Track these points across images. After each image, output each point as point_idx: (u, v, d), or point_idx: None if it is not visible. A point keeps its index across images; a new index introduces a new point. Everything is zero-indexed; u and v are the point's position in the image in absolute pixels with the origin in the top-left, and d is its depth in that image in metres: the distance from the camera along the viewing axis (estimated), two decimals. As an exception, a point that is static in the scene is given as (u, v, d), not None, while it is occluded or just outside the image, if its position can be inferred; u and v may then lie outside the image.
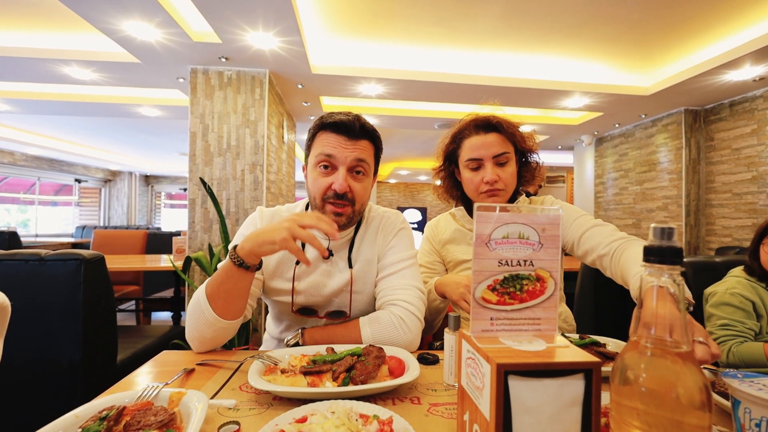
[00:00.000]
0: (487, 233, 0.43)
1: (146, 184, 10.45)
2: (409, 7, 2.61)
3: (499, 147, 1.01)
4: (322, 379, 0.63)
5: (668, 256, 0.34)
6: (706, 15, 2.66)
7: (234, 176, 3.18)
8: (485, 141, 1.02)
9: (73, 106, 4.37)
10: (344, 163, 0.87)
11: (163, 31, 2.58)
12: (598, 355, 0.69)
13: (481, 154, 1.02)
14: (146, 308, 3.58)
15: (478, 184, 1.03)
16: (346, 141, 0.87)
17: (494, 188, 1.01)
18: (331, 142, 0.87)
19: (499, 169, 1.02)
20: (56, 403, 1.19)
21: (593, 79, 3.64)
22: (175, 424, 0.49)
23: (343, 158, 0.87)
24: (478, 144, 1.03)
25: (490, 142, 1.02)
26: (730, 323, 1.19)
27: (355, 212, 0.91)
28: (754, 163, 3.67)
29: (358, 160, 0.88)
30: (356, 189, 0.89)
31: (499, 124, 1.03)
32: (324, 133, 0.89)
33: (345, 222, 0.90)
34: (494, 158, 1.01)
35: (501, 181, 1.01)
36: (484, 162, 1.02)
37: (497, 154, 1.01)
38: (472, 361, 0.42)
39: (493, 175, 1.00)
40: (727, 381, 0.46)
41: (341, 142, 0.87)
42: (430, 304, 1.05)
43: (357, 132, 0.87)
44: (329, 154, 0.87)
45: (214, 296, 0.77)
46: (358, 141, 0.88)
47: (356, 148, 0.88)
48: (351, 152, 0.87)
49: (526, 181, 1.12)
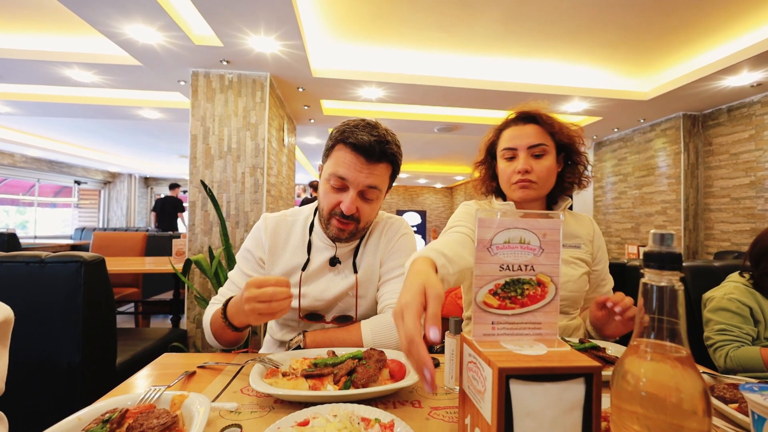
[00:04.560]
0: (488, 238, 0.44)
1: (146, 186, 10.44)
2: (409, 12, 2.63)
3: (535, 138, 0.98)
4: (323, 382, 0.63)
5: (668, 262, 0.34)
6: (704, 21, 2.68)
7: (234, 179, 3.19)
8: (522, 131, 1.00)
9: (74, 109, 4.38)
10: (356, 187, 0.85)
11: (165, 35, 2.59)
12: (598, 359, 0.70)
13: (516, 144, 0.99)
14: (145, 311, 3.56)
15: (511, 174, 1.00)
16: (363, 164, 0.84)
17: (525, 179, 0.97)
18: (347, 162, 0.84)
19: (534, 161, 0.98)
20: (55, 406, 1.18)
21: (592, 83, 3.66)
22: (177, 427, 0.49)
23: (355, 182, 0.85)
24: (516, 134, 1.00)
25: (527, 133, 0.99)
26: (728, 328, 1.20)
27: (359, 229, 0.91)
28: (752, 168, 3.69)
29: (371, 186, 0.86)
30: (363, 210, 0.88)
31: (538, 116, 1.01)
32: (343, 148, 0.85)
33: (347, 237, 0.91)
34: (529, 149, 0.98)
35: (534, 173, 0.97)
36: (518, 152, 0.99)
37: (532, 145, 0.98)
38: (474, 365, 0.42)
39: (525, 165, 0.97)
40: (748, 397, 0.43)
41: (357, 164, 0.84)
42: None
43: (377, 156, 0.84)
44: (342, 177, 0.85)
45: (217, 336, 0.87)
46: (376, 165, 0.85)
47: (371, 174, 0.85)
48: (365, 178, 0.85)
49: (568, 185, 1.05)
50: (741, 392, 0.45)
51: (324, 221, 0.91)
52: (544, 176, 0.98)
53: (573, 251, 1.04)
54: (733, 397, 0.59)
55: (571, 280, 0.99)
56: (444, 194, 12.15)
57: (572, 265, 1.02)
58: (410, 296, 0.49)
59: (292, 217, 1.01)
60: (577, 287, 0.99)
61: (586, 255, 1.05)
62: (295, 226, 0.99)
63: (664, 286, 0.34)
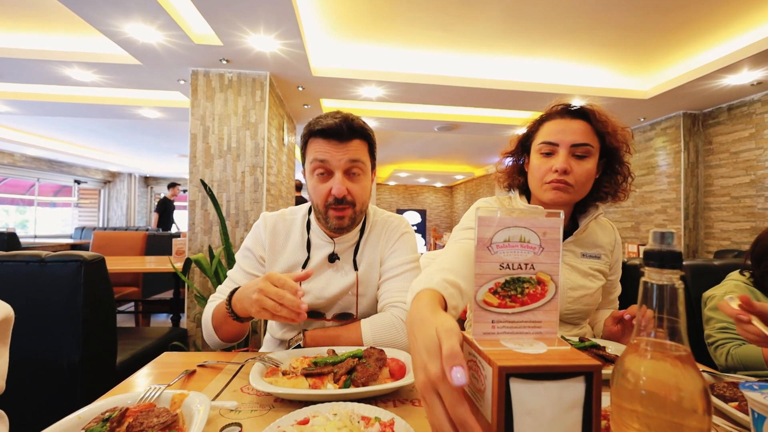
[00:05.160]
0: (488, 237, 0.44)
1: (145, 186, 10.44)
2: (409, 11, 2.62)
3: (582, 136, 0.87)
4: (323, 381, 0.63)
5: (668, 260, 0.34)
6: (704, 19, 2.68)
7: (234, 178, 3.19)
8: (568, 126, 0.89)
9: (74, 108, 4.38)
10: (339, 167, 0.87)
11: (165, 34, 2.59)
12: (598, 358, 0.70)
13: (558, 139, 0.88)
14: (145, 310, 3.57)
15: (545, 172, 0.90)
16: (337, 145, 0.87)
17: (562, 180, 0.87)
18: (322, 148, 0.87)
19: (575, 161, 0.87)
20: (55, 405, 1.18)
21: (592, 82, 3.66)
22: (177, 425, 0.49)
23: (336, 162, 0.87)
24: (560, 128, 0.89)
25: (573, 129, 0.88)
26: (729, 326, 1.19)
27: (356, 212, 0.91)
28: (752, 166, 3.69)
29: (352, 161, 0.88)
30: (355, 190, 0.89)
31: (591, 113, 0.90)
32: (314, 139, 0.89)
33: (348, 223, 0.91)
34: (572, 147, 0.87)
35: (572, 175, 0.87)
36: (559, 148, 0.88)
37: (577, 144, 0.87)
38: (474, 364, 0.42)
39: (565, 164, 0.86)
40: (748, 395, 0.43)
41: (332, 147, 0.87)
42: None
43: (346, 134, 0.87)
44: (323, 160, 0.87)
45: (218, 329, 0.87)
46: (349, 143, 0.88)
47: (348, 150, 0.87)
48: (344, 155, 0.87)
49: (604, 194, 0.95)
50: (741, 391, 0.45)
51: (322, 216, 0.92)
52: (582, 180, 0.88)
53: (593, 262, 0.98)
54: (733, 395, 0.59)
55: (588, 293, 0.94)
56: (444, 193, 12.15)
57: (590, 277, 0.96)
58: (428, 358, 0.38)
59: (291, 215, 1.02)
60: (593, 300, 0.96)
61: (605, 266, 1.00)
62: (294, 224, 1.00)
63: (664, 285, 0.34)
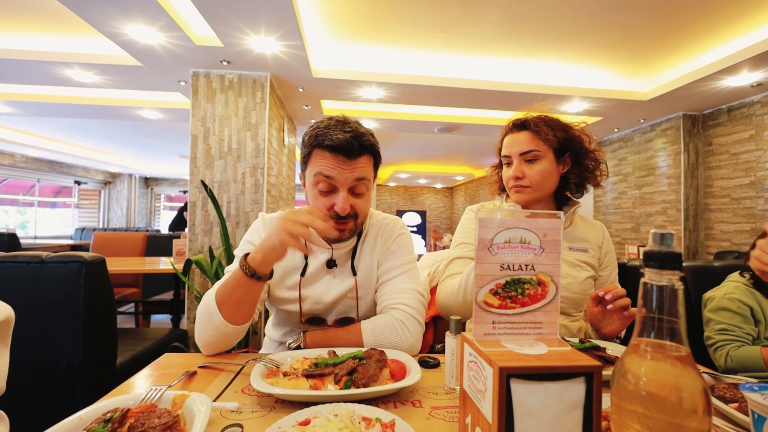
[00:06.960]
0: (489, 238, 0.44)
1: (146, 186, 10.44)
2: (410, 12, 2.63)
3: (527, 145, 1.02)
4: (324, 382, 0.63)
5: (668, 261, 0.34)
6: (704, 21, 2.68)
7: (235, 179, 3.19)
8: (515, 139, 1.05)
9: (75, 109, 4.38)
10: (344, 185, 0.84)
11: (166, 35, 2.60)
12: (599, 359, 0.70)
13: (509, 151, 1.06)
14: (146, 311, 3.57)
15: (508, 180, 1.06)
16: (345, 161, 0.83)
17: (518, 184, 1.03)
18: (329, 163, 0.83)
19: (527, 166, 1.03)
20: (56, 405, 1.18)
21: (592, 84, 3.66)
22: (178, 426, 0.49)
23: (343, 180, 0.83)
24: (510, 142, 1.06)
25: (519, 140, 1.04)
26: (728, 328, 1.20)
27: (357, 224, 0.91)
28: (752, 168, 3.69)
29: (359, 179, 0.85)
30: (358, 205, 0.88)
31: (527, 123, 1.04)
32: (320, 151, 0.84)
33: (348, 235, 0.91)
34: (521, 155, 1.03)
35: (526, 178, 1.02)
36: (512, 158, 1.05)
37: (524, 152, 1.03)
38: (474, 365, 0.43)
39: (517, 171, 1.03)
40: (748, 396, 0.43)
41: (339, 163, 0.83)
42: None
43: (356, 151, 0.83)
44: (328, 176, 0.83)
45: (224, 303, 0.78)
46: (357, 160, 0.84)
47: (355, 168, 0.84)
48: (351, 173, 0.83)
49: (573, 185, 1.07)
50: (741, 392, 0.45)
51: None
52: (537, 180, 1.02)
53: (580, 254, 1.07)
54: (733, 396, 0.60)
55: (575, 281, 1.01)
56: (444, 194, 12.15)
57: (577, 267, 1.04)
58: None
59: None
60: (580, 289, 1.01)
61: (593, 259, 1.07)
62: None
63: (664, 286, 0.34)
